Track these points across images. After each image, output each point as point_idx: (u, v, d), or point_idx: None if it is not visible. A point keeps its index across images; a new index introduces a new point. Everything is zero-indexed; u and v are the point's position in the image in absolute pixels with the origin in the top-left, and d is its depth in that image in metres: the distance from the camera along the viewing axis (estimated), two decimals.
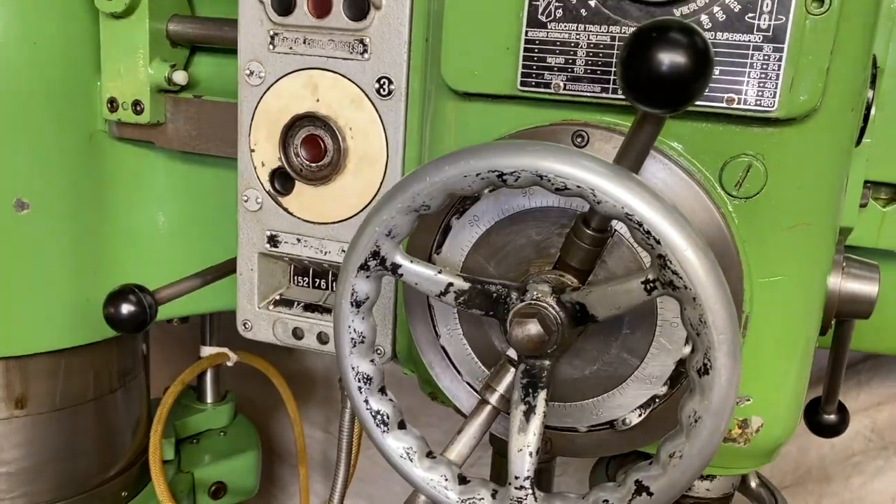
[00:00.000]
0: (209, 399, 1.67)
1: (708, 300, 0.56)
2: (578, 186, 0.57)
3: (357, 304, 0.65)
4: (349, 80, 0.87)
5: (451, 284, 0.65)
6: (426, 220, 0.66)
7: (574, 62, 0.73)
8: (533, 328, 0.64)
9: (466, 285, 0.65)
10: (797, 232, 0.74)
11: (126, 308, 0.88)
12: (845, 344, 0.92)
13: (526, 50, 0.74)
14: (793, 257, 0.75)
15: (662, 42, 0.49)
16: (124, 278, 1.25)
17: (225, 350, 1.53)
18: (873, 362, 1.59)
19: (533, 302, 0.65)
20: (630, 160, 0.58)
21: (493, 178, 0.59)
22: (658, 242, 0.56)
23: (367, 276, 0.65)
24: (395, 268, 0.65)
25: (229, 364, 1.54)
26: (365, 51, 0.86)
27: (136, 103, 1.15)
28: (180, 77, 1.14)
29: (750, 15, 0.67)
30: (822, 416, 1.04)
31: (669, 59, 0.50)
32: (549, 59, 0.73)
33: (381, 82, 0.87)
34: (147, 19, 1.10)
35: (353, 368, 0.65)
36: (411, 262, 0.65)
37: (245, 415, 1.71)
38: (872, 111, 0.79)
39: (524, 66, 0.74)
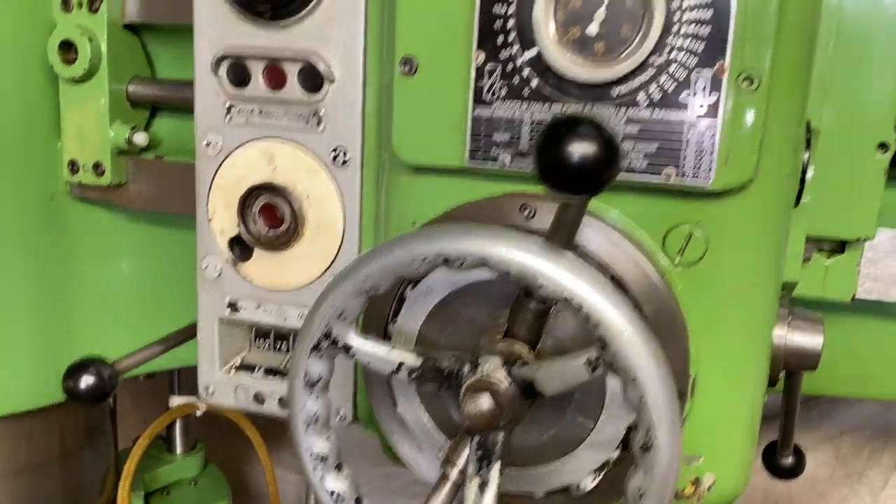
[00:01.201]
0: (179, 449, 1.66)
1: (647, 381, 0.58)
2: (519, 271, 0.59)
3: (311, 385, 0.66)
4: (305, 149, 0.89)
5: (402, 363, 0.66)
6: None
7: (518, 138, 0.75)
8: (485, 403, 0.65)
9: (418, 362, 0.67)
10: (740, 294, 0.77)
11: (85, 381, 0.88)
12: (795, 394, 0.95)
13: (473, 127, 0.76)
14: (737, 318, 0.78)
15: (573, 135, 0.52)
16: (89, 338, 1.26)
17: (194, 399, 1.53)
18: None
19: (484, 376, 0.67)
20: (562, 238, 0.60)
21: (439, 262, 0.61)
22: (597, 325, 0.58)
23: (320, 357, 0.66)
24: (346, 348, 0.66)
25: (198, 414, 1.53)
26: (320, 122, 0.88)
27: (97, 165, 1.15)
28: (141, 139, 1.15)
29: (685, 93, 0.70)
30: (780, 460, 1.06)
31: (580, 150, 0.53)
32: (495, 136, 0.76)
33: (337, 152, 0.89)
34: (106, 83, 1.11)
35: (307, 449, 0.66)
36: (364, 341, 0.66)
37: (216, 461, 1.70)
38: (809, 172, 0.82)
39: (472, 142, 0.76)
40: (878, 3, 0.84)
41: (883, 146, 0.87)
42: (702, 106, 0.69)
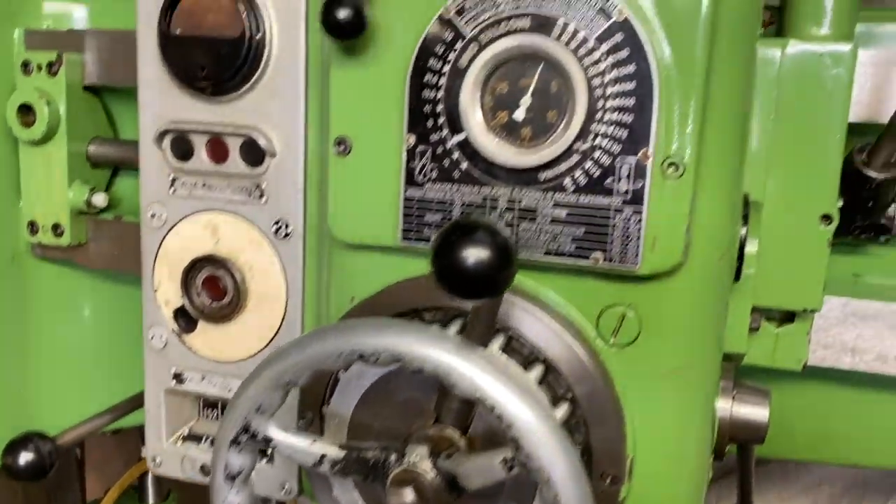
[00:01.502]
0: (151, 500, 1.64)
1: (559, 482, 0.57)
2: (433, 370, 0.58)
3: (231, 478, 0.65)
4: (248, 222, 0.89)
5: (324, 456, 0.66)
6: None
7: (450, 219, 0.75)
8: (408, 496, 0.64)
9: (341, 454, 0.66)
10: (677, 373, 0.76)
11: (24, 458, 0.87)
12: (748, 465, 0.94)
13: (406, 207, 0.76)
14: (674, 397, 0.77)
15: (466, 240, 0.52)
16: (50, 399, 1.24)
17: None
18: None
19: (409, 467, 0.66)
20: (478, 336, 0.60)
21: (354, 357, 0.61)
22: (510, 427, 0.57)
23: (240, 451, 0.65)
24: (266, 441, 0.65)
25: None
26: (262, 195, 0.87)
27: (56, 226, 1.15)
28: (100, 199, 1.15)
29: (609, 179, 0.69)
30: None
31: (474, 255, 0.53)
32: (426, 216, 0.75)
33: (279, 225, 0.88)
34: (65, 145, 1.11)
35: None
36: (284, 434, 0.66)
37: None
38: (749, 247, 0.82)
39: (405, 222, 0.76)
40: (819, 74, 0.84)
41: (826, 218, 0.86)
42: (627, 192, 0.69)
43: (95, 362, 1.26)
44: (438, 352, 0.58)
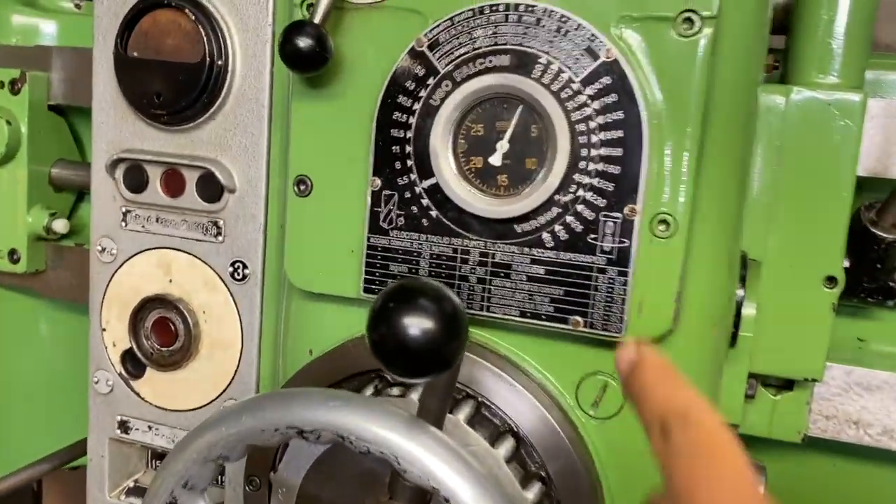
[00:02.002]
0: None
1: None
2: (381, 452, 0.51)
3: None
4: (203, 261, 0.82)
5: None
6: None
7: (417, 272, 0.68)
8: None
9: None
10: None
11: None
12: None
13: (369, 256, 0.69)
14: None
15: (407, 309, 0.45)
16: (7, 432, 1.17)
17: None
18: None
19: None
20: (432, 415, 0.52)
21: (292, 433, 0.53)
22: None
23: None
24: None
25: None
26: (219, 233, 0.81)
27: (12, 252, 1.08)
28: (60, 226, 1.08)
29: (592, 236, 0.62)
30: None
31: (416, 325, 0.45)
32: (391, 267, 0.68)
33: (236, 266, 0.81)
34: (27, 166, 1.05)
35: None
36: None
37: None
38: (747, 309, 0.75)
39: (367, 273, 0.69)
40: (826, 124, 0.77)
41: (831, 280, 0.79)
42: (611, 251, 0.62)
43: (50, 397, 1.19)
44: (386, 433, 0.50)
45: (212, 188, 0.81)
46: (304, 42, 0.63)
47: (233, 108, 0.79)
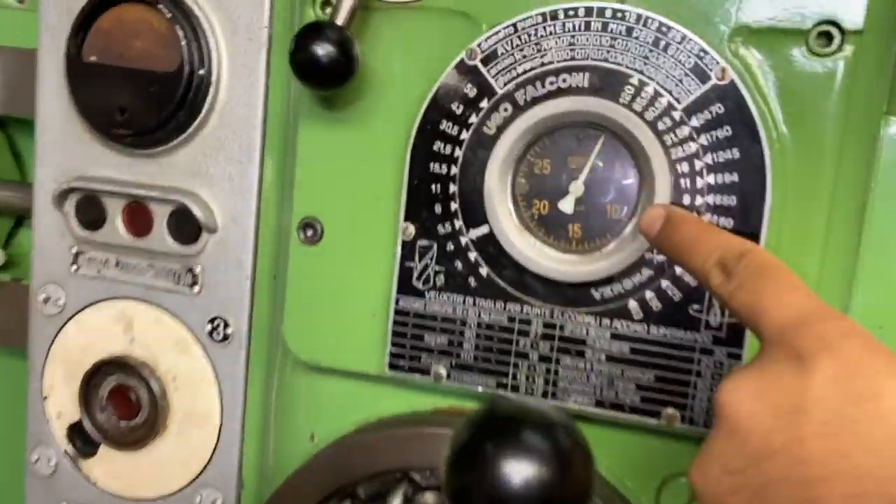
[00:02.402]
0: None
1: None
2: None
3: None
4: (174, 317, 0.66)
5: None
6: None
7: (461, 345, 0.53)
8: None
9: None
10: None
11: None
12: None
13: (397, 323, 0.54)
14: None
15: (508, 448, 0.30)
16: None
17: None
18: None
19: None
20: None
21: None
22: None
23: None
24: None
25: None
26: (195, 282, 0.65)
27: None
28: None
29: (695, 307, 0.49)
30: None
31: (521, 472, 0.31)
32: (426, 338, 0.54)
33: (216, 323, 0.66)
34: None
35: None
36: None
37: None
38: None
39: (394, 344, 0.54)
40: None
41: None
42: (720, 326, 0.49)
43: None
44: None
45: (187, 227, 0.66)
46: (323, 49, 0.48)
47: (216, 129, 0.64)
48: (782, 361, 0.33)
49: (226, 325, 0.66)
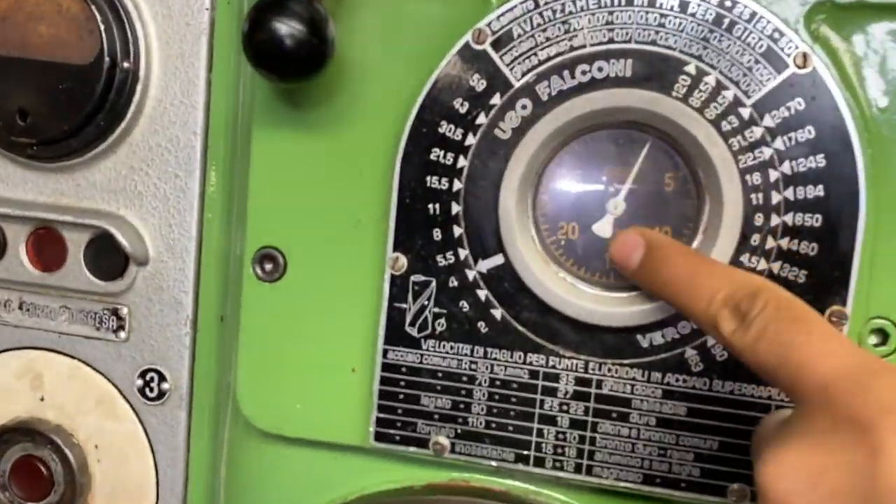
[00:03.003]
0: None
1: None
2: None
3: None
4: (95, 370, 0.54)
5: None
6: None
7: (469, 408, 0.42)
8: None
9: None
10: None
11: None
12: None
13: (385, 381, 0.42)
14: None
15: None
16: None
17: None
18: None
19: None
20: None
21: None
22: None
23: None
24: None
25: None
26: (121, 327, 0.53)
27: None
28: None
29: None
30: None
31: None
32: (424, 399, 0.42)
33: (149, 377, 0.54)
34: None
35: None
36: None
37: None
38: None
39: (382, 408, 0.43)
40: None
41: None
42: None
43: None
44: None
45: (109, 258, 0.54)
46: (288, 27, 0.36)
47: (146, 136, 0.52)
48: (835, 432, 0.27)
49: (161, 380, 0.54)
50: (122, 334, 0.55)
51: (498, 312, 0.41)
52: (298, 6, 0.37)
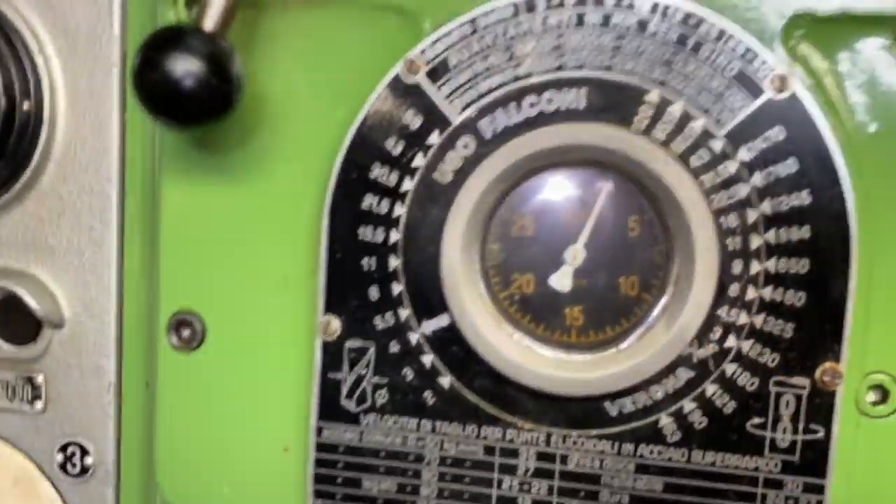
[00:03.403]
0: None
1: None
2: None
3: None
4: (10, 445, 0.48)
5: None
6: None
7: (417, 490, 0.37)
8: None
9: None
10: None
11: None
12: None
13: (321, 462, 0.37)
14: None
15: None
16: None
17: None
18: None
19: None
20: None
21: None
22: None
23: None
24: None
25: None
26: (37, 396, 0.48)
27: None
28: None
29: (756, 421, 0.34)
30: None
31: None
32: (366, 483, 0.37)
33: (70, 451, 0.49)
34: None
35: None
36: None
37: None
38: None
39: (319, 493, 0.38)
40: None
41: None
42: (791, 446, 0.34)
43: None
44: None
45: (20, 321, 0.48)
46: (183, 66, 0.31)
47: (55, 184, 0.47)
48: None
49: (84, 454, 0.49)
50: (39, 405, 0.50)
51: (446, 380, 0.36)
52: (196, 41, 0.32)
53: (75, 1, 0.46)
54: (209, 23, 0.34)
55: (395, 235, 0.36)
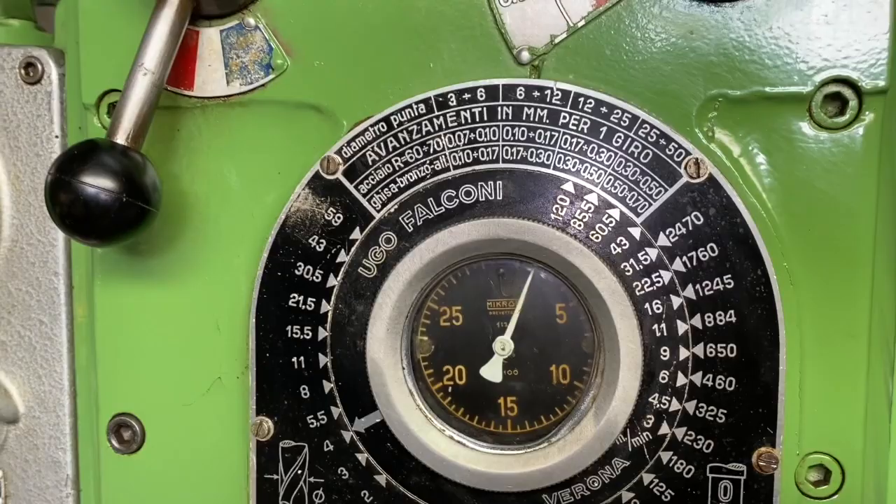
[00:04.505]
0: None
1: None
2: None
3: None
4: None
5: None
6: None
7: None
8: None
9: None
10: None
11: None
12: None
13: None
14: None
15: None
16: None
17: None
18: None
19: None
20: None
21: None
22: None
23: None
24: None
25: None
26: None
27: None
28: None
29: None
30: None
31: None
32: None
33: None
34: None
35: None
36: None
37: None
38: None
39: None
40: None
41: None
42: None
43: None
44: None
45: None
46: (94, 187, 0.31)
47: (3, 281, 0.47)
48: None
49: None
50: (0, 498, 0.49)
51: (382, 479, 0.36)
52: (109, 158, 0.32)
53: (15, 99, 0.47)
54: (120, 135, 0.33)
55: (323, 332, 0.36)
